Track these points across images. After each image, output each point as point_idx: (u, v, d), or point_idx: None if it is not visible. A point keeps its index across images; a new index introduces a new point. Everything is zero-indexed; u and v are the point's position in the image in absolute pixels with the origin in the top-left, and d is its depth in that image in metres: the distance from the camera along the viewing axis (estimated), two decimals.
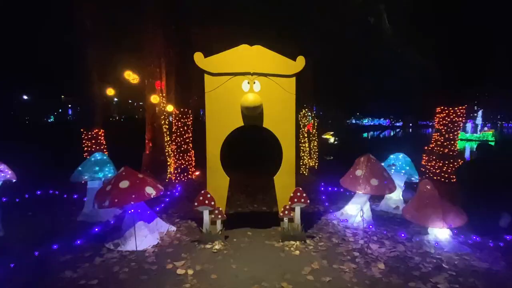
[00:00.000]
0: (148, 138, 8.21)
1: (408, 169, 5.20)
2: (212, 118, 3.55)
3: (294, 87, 3.61)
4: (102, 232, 3.95)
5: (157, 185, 3.90)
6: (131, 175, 3.79)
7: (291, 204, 3.67)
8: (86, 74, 6.47)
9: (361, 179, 4.25)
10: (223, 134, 3.58)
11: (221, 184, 3.63)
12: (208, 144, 3.57)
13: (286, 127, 3.65)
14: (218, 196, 3.62)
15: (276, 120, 3.62)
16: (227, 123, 3.56)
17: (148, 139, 8.22)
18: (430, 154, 7.56)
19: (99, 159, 4.64)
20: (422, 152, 7.86)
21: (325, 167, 9.33)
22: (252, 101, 3.36)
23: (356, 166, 4.46)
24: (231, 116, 3.55)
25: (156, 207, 5.17)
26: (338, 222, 4.48)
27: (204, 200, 3.56)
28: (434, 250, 3.54)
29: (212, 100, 3.52)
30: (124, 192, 3.56)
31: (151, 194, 3.67)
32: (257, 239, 3.84)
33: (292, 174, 3.70)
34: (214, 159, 3.59)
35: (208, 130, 3.54)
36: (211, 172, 3.61)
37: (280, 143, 3.67)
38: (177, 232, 4.06)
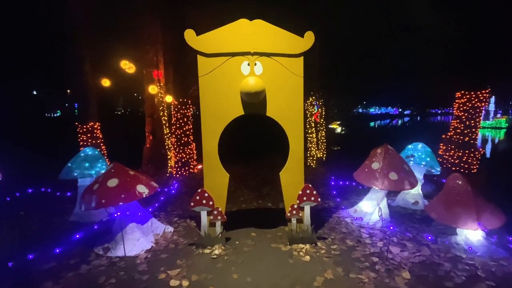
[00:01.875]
0: (148, 130, 7.83)
1: (428, 160, 4.65)
2: (208, 106, 3.06)
3: (302, 68, 3.08)
4: (93, 234, 3.58)
5: (150, 183, 3.48)
6: (121, 172, 3.38)
7: (299, 203, 3.21)
8: (78, 64, 6.03)
9: (378, 172, 3.75)
10: (221, 125, 3.10)
11: (220, 181, 3.18)
12: (204, 137, 3.10)
13: (293, 116, 3.14)
14: (217, 195, 3.18)
15: (281, 107, 3.12)
16: (225, 112, 3.08)
17: (148, 132, 7.84)
18: (449, 143, 6.96)
19: (89, 154, 4.24)
20: (434, 141, 7.24)
21: (332, 158, 8.81)
22: (253, 85, 2.86)
23: (372, 158, 3.95)
24: (230, 104, 3.06)
25: (155, 203, 4.81)
26: (351, 220, 4.01)
27: (201, 200, 3.13)
28: (465, 255, 3.05)
29: (206, 85, 3.02)
30: (113, 191, 3.16)
31: (143, 193, 3.26)
32: (262, 241, 3.41)
33: (300, 169, 3.22)
34: (211, 153, 3.13)
35: (204, 121, 3.07)
36: (208, 169, 3.16)
37: (287, 134, 3.18)
38: (174, 234, 3.66)
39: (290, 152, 3.19)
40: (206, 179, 3.16)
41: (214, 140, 3.10)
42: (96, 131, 6.22)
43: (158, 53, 7.32)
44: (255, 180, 6.48)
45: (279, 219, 3.83)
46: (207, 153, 3.12)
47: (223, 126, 3.10)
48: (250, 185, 6.08)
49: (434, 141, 7.09)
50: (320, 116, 8.30)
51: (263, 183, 6.21)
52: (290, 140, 3.17)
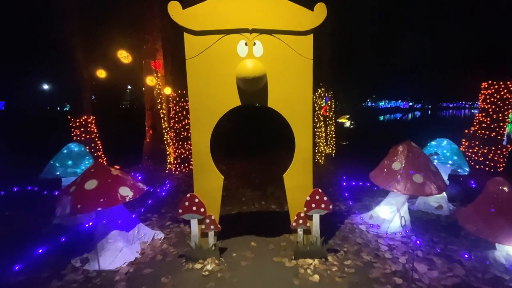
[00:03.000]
0: (148, 124, 7.41)
1: (456, 159, 4.03)
2: (197, 96, 2.54)
3: (311, 49, 2.51)
4: (74, 241, 3.16)
5: (136, 185, 3.02)
6: (102, 172, 2.93)
7: (307, 210, 2.68)
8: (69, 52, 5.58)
9: (400, 174, 3.17)
10: (213, 119, 2.57)
11: (212, 185, 2.67)
12: (194, 132, 2.59)
13: (300, 107, 2.59)
14: (210, 201, 2.68)
15: (286, 97, 2.57)
16: (218, 103, 2.55)
17: (148, 126, 7.41)
18: (472, 138, 6.25)
19: (74, 151, 3.80)
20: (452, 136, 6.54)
21: (341, 154, 8.20)
22: (252, 70, 2.32)
23: (392, 157, 3.37)
24: (224, 92, 2.53)
25: (149, 202, 4.37)
26: (366, 228, 3.46)
27: (191, 206, 2.64)
28: (508, 275, 2.48)
29: (195, 70, 2.49)
30: (91, 195, 2.72)
31: (126, 196, 2.81)
32: (263, 253, 2.91)
33: (308, 171, 2.68)
34: (202, 152, 2.62)
35: (193, 113, 2.55)
36: (199, 170, 2.65)
37: (292, 129, 2.63)
38: (164, 241, 3.21)
39: (296, 150, 2.65)
40: (196, 182, 2.66)
41: (205, 136, 2.58)
42: (90, 125, 5.80)
43: (157, 43, 6.82)
44: (259, 178, 5.97)
45: (284, 225, 3.30)
46: (197, 151, 2.61)
47: (216, 120, 2.57)
48: (254, 183, 5.58)
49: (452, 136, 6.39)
50: (329, 109, 7.67)
51: (267, 180, 5.69)
52: (296, 136, 2.63)
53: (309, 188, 2.68)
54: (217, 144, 8.86)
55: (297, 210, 2.70)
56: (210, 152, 2.65)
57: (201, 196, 2.64)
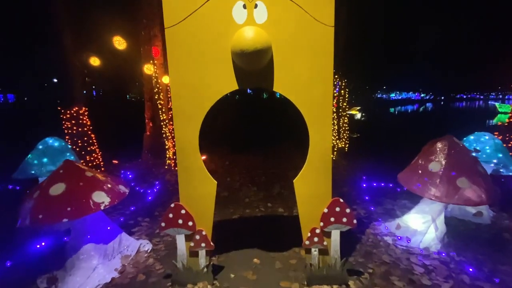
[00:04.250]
0: (147, 117, 6.87)
1: (501, 157, 3.32)
2: (180, 78, 1.92)
3: (332, 12, 1.84)
4: (46, 254, 2.67)
5: (114, 188, 2.48)
6: (72, 174, 2.40)
7: (324, 226, 2.07)
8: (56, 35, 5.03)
9: (440, 177, 2.51)
10: (202, 107, 1.96)
11: (203, 193, 2.08)
12: (177, 127, 1.99)
13: (317, 92, 1.94)
14: (200, 213, 2.10)
15: (298, 79, 1.92)
16: (208, 87, 1.93)
17: (148, 118, 6.88)
18: (507, 131, 5.44)
19: (51, 146, 3.28)
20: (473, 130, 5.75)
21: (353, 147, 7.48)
22: (252, 41, 1.68)
23: (428, 155, 2.69)
24: (215, 72, 1.90)
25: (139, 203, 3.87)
26: (393, 241, 2.84)
27: (176, 219, 2.07)
28: None
29: (178, 42, 1.87)
30: (55, 201, 2.20)
31: (101, 203, 2.27)
32: (267, 275, 2.33)
33: (325, 176, 2.05)
34: (188, 151, 2.02)
35: (175, 102, 1.95)
36: (185, 174, 2.06)
37: (306, 121, 1.99)
38: (151, 255, 2.68)
39: (311, 148, 2.02)
40: (182, 189, 2.07)
41: (192, 130, 1.97)
42: (82, 117, 5.29)
43: (155, 28, 6.19)
44: (265, 175, 5.38)
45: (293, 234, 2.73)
46: (182, 150, 2.01)
47: (206, 109, 1.96)
48: (259, 181, 5.00)
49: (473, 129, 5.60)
50: (342, 100, 6.94)
51: (274, 178, 5.11)
52: (311, 131, 1.99)
53: (326, 197, 2.06)
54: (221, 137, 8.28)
55: (311, 225, 2.09)
56: (210, 149, 2.05)
57: (188, 207, 2.06)
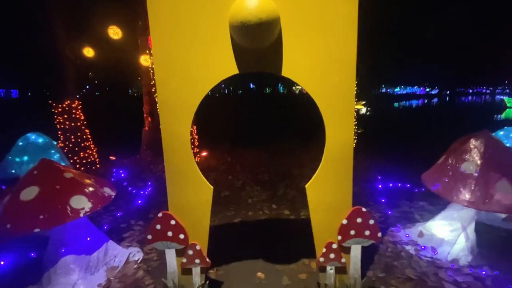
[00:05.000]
0: (146, 111, 6.51)
1: None
2: (166, 60, 1.54)
3: None
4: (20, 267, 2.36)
5: (97, 192, 2.15)
6: (48, 175, 2.07)
7: (342, 240, 1.71)
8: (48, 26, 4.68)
9: (475, 180, 2.13)
10: (194, 98, 1.59)
11: (196, 200, 1.73)
12: (164, 121, 1.63)
13: (336, 77, 1.56)
14: (193, 224, 1.75)
15: (312, 61, 1.54)
16: (201, 71, 1.55)
17: (146, 113, 6.52)
18: None
19: (33, 142, 2.95)
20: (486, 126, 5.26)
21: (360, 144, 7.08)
22: (256, 11, 1.30)
23: (459, 154, 2.31)
24: (210, 52, 1.53)
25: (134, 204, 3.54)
26: (416, 251, 2.47)
27: (165, 231, 1.72)
28: None
29: (163, 15, 1.49)
30: (27, 208, 1.87)
31: (80, 210, 1.95)
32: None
33: (345, 180, 1.68)
34: (178, 150, 1.66)
35: (161, 90, 1.58)
36: (175, 178, 1.70)
37: (321, 113, 1.61)
38: (141, 266, 2.35)
39: (328, 147, 1.65)
40: (172, 195, 1.72)
41: (183, 124, 1.61)
42: (75, 111, 4.96)
43: None
44: (269, 172, 5.02)
45: (301, 243, 2.42)
46: (171, 148, 1.65)
47: (199, 98, 1.59)
48: (263, 180, 4.65)
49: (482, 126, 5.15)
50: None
51: (278, 176, 4.75)
52: (327, 125, 1.62)
53: (345, 206, 1.69)
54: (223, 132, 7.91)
55: (327, 239, 1.73)
56: (211, 144, 1.70)
57: (179, 217, 1.71)
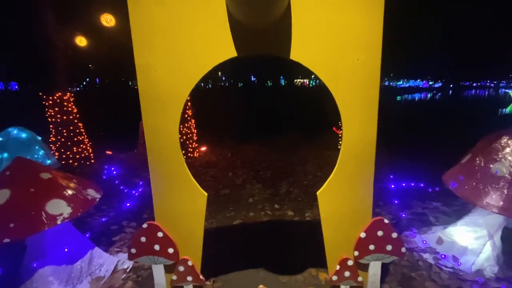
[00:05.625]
0: None
1: None
2: (149, 39, 1.25)
3: None
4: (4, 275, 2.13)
5: (79, 194, 1.89)
6: (22, 176, 1.81)
7: (360, 255, 1.45)
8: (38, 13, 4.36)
9: (508, 184, 1.85)
10: (184, 85, 1.30)
11: (187, 208, 1.46)
12: (146, 113, 1.34)
13: (358, 61, 1.26)
14: (184, 236, 1.48)
15: (328, 40, 1.24)
16: (192, 53, 1.26)
17: None
18: None
19: (17, 138, 2.68)
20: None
21: None
22: None
23: (489, 153, 2.02)
24: (202, 29, 1.23)
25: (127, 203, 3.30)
26: (435, 260, 2.22)
27: (151, 244, 1.46)
28: None
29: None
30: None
31: (57, 216, 1.71)
32: None
33: (365, 186, 1.41)
34: (165, 149, 1.38)
35: (141, 76, 1.29)
36: (161, 182, 1.43)
37: (338, 106, 1.32)
38: (130, 275, 2.11)
39: (344, 147, 1.36)
40: (158, 203, 1.45)
41: (170, 119, 1.33)
42: (67, 103, 4.68)
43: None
44: (271, 169, 4.76)
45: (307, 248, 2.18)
46: (156, 148, 1.37)
47: (190, 86, 1.30)
48: (264, 177, 4.39)
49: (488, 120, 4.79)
50: None
51: (281, 173, 4.50)
52: (345, 120, 1.33)
53: (364, 217, 1.42)
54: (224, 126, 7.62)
55: (341, 254, 1.47)
56: (212, 139, 1.43)
57: (168, 228, 1.45)
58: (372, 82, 1.27)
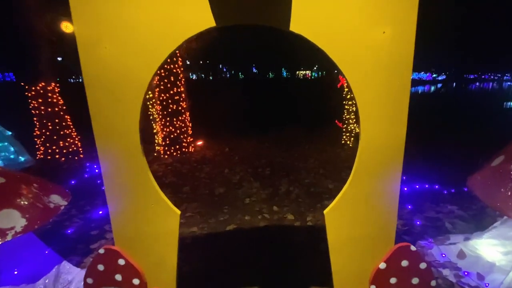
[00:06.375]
0: None
1: None
2: (89, 6, 0.89)
3: None
4: None
5: (38, 203, 1.58)
6: None
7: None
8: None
9: None
10: (145, 67, 0.94)
11: (157, 230, 1.12)
12: (95, 111, 0.98)
13: (383, 37, 0.90)
14: (153, 262, 1.16)
15: (338, 7, 0.88)
16: (154, 25, 0.90)
17: None
18: None
19: None
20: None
21: None
22: None
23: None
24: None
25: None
26: (457, 277, 1.90)
27: (111, 274, 1.14)
28: None
29: None
30: None
31: (8, 231, 1.45)
32: None
33: (388, 204, 1.06)
34: (122, 156, 1.03)
35: (85, 60, 0.93)
36: (118, 196, 1.09)
37: (355, 97, 0.97)
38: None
39: (362, 153, 1.02)
40: (116, 223, 1.12)
41: (126, 116, 0.98)
42: (52, 94, 4.33)
43: None
44: (270, 166, 4.44)
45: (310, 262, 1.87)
46: (109, 154, 1.03)
47: (151, 71, 0.95)
48: (263, 175, 4.07)
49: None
50: None
51: (280, 170, 4.18)
52: (364, 118, 0.98)
53: (385, 242, 1.09)
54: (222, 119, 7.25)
55: (351, 287, 1.14)
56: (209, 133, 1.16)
57: (132, 254, 1.13)
58: (403, 64, 0.92)
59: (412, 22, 0.90)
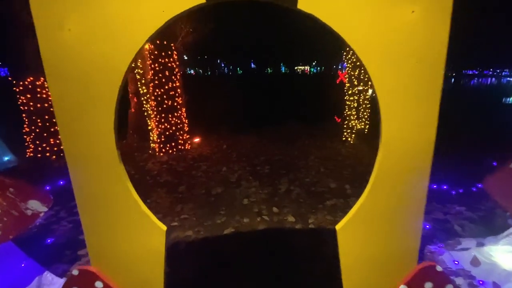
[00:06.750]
0: (131, 90, 5.66)
1: None
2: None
3: None
4: None
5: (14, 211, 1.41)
6: None
7: None
8: None
9: None
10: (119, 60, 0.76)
11: (140, 248, 0.96)
12: (60, 110, 0.81)
13: (412, 17, 0.72)
14: (136, 284, 0.99)
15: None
16: (127, 4, 0.72)
17: (132, 93, 5.67)
18: None
19: None
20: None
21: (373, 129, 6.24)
22: None
23: None
24: None
25: None
26: (471, 287, 1.76)
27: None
28: None
29: None
30: None
31: None
32: None
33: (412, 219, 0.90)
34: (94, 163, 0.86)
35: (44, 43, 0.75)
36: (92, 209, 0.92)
37: (376, 91, 0.79)
38: None
39: (382, 159, 0.85)
40: (91, 241, 0.96)
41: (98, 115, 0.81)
42: (41, 89, 4.12)
43: None
44: (270, 163, 4.28)
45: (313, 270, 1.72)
46: (78, 160, 0.86)
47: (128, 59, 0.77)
48: (262, 173, 3.91)
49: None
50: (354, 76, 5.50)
51: (280, 168, 4.02)
52: (385, 116, 0.81)
53: (406, 261, 0.93)
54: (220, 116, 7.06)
55: None
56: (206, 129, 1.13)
57: (111, 275, 0.96)
58: (435, 50, 0.75)
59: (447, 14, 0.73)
